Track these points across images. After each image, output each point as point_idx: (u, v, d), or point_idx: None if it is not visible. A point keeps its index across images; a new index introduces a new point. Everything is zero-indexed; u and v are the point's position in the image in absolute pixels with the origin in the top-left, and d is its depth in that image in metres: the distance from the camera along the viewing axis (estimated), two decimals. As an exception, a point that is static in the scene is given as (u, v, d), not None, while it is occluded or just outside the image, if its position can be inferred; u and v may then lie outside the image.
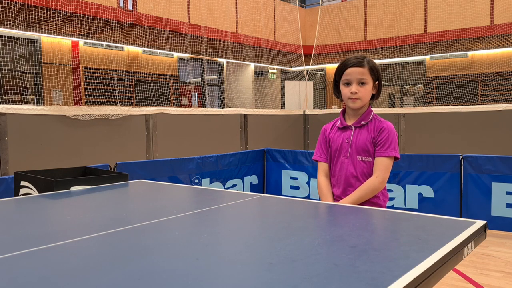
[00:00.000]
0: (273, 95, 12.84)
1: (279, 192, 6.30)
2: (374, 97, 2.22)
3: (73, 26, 8.14)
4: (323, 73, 14.36)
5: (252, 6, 11.48)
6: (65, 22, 7.78)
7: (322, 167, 2.30)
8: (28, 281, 1.01)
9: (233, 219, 1.71)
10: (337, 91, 2.25)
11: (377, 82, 2.19)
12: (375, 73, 2.16)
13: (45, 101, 8.46)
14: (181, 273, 1.05)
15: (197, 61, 11.32)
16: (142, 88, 9.58)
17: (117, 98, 8.74)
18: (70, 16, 7.62)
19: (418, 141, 9.05)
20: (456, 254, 1.22)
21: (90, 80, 9.24)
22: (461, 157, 5.17)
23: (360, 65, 2.13)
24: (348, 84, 2.15)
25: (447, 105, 10.96)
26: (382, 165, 2.12)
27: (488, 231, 1.49)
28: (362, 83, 2.13)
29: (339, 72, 2.18)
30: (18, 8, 6.91)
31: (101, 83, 9.14)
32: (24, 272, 1.07)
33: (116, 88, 8.94)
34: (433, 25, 11.31)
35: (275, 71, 13.24)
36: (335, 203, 2.11)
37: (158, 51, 10.42)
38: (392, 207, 5.31)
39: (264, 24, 11.79)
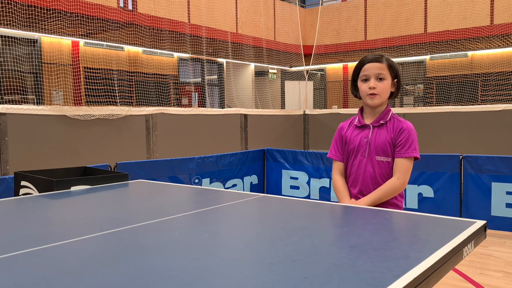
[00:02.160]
0: (273, 95, 12.84)
1: (279, 192, 6.30)
2: (392, 95, 2.18)
3: (73, 26, 8.14)
4: (323, 73, 14.36)
5: (252, 6, 11.47)
6: (65, 22, 7.78)
7: (337, 166, 2.27)
8: (28, 281, 1.01)
9: (233, 219, 1.71)
10: (355, 90, 2.21)
11: (395, 80, 2.15)
12: (394, 70, 2.13)
13: (45, 101, 8.46)
14: (181, 273, 1.05)
15: (197, 61, 11.32)
16: (142, 88, 9.59)
17: (117, 98, 8.74)
18: (70, 16, 7.62)
19: (418, 141, 9.04)
20: (456, 254, 1.23)
21: (90, 80, 9.24)
22: (461, 157, 5.17)
23: (378, 60, 2.10)
24: (366, 80, 2.11)
25: (447, 105, 10.96)
26: (403, 167, 2.08)
27: (488, 231, 1.49)
28: (380, 79, 2.09)
29: (357, 69, 2.16)
30: (18, 8, 6.91)
31: (101, 83, 9.14)
32: (24, 272, 1.07)
33: (116, 88, 8.94)
34: (433, 25, 11.31)
35: (275, 71, 13.24)
36: (349, 204, 2.05)
37: (158, 51, 10.42)
38: (392, 207, 5.30)
39: (264, 24, 11.79)
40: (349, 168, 2.21)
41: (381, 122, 2.13)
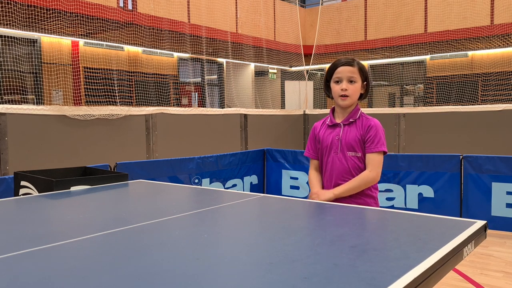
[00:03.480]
0: (273, 95, 12.84)
1: (279, 192, 6.30)
2: (362, 96, 2.35)
3: (73, 26, 8.13)
4: (323, 73, 14.36)
5: (252, 6, 11.47)
6: (65, 22, 7.78)
7: (313, 163, 2.45)
8: (28, 281, 1.01)
9: (233, 219, 1.71)
10: (327, 90, 2.38)
11: (365, 83, 2.32)
12: (364, 73, 2.30)
13: (45, 101, 8.46)
14: (181, 273, 1.05)
15: (197, 61, 11.31)
16: (142, 88, 9.58)
17: (117, 98, 8.73)
18: (70, 16, 7.62)
19: (418, 141, 9.04)
20: (456, 254, 1.22)
21: (90, 80, 9.23)
22: (461, 157, 5.17)
23: (350, 64, 2.27)
24: (338, 82, 2.28)
25: (447, 105, 10.95)
26: (375, 160, 2.25)
27: (488, 231, 1.49)
28: (351, 81, 2.26)
29: (330, 71, 2.32)
30: (18, 8, 6.91)
31: (101, 83, 9.14)
32: (24, 272, 1.07)
33: (116, 88, 8.94)
34: (433, 25, 11.30)
35: (275, 71, 13.23)
36: (329, 201, 2.18)
37: (158, 51, 10.42)
38: (392, 207, 5.31)
39: (264, 24, 11.78)
40: (324, 164, 2.38)
41: (350, 120, 2.30)
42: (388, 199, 5.41)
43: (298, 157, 6.16)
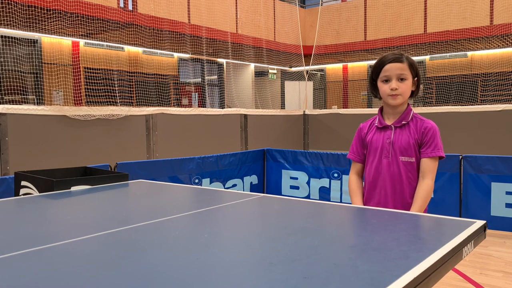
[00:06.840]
0: (273, 95, 12.84)
1: (279, 192, 6.30)
2: (413, 94, 2.14)
3: (74, 26, 8.14)
4: (323, 73, 14.36)
5: (252, 6, 11.47)
6: (65, 22, 7.78)
7: (355, 166, 2.26)
8: (28, 281, 1.01)
9: (233, 219, 1.72)
10: (374, 90, 2.17)
11: (416, 79, 2.11)
12: (414, 69, 2.09)
13: (46, 101, 8.46)
14: (181, 273, 1.05)
15: (197, 61, 11.32)
16: (143, 88, 9.59)
17: (118, 98, 8.74)
18: (71, 16, 7.62)
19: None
20: (455, 254, 1.23)
21: (90, 80, 9.24)
22: (460, 157, 5.17)
23: (399, 60, 2.06)
24: (387, 81, 2.08)
25: (446, 105, 10.96)
26: (431, 166, 2.07)
27: (488, 231, 1.49)
28: (402, 79, 2.05)
29: (377, 70, 2.11)
30: (18, 8, 6.91)
31: (101, 83, 9.15)
32: (24, 272, 1.07)
33: (116, 88, 8.94)
34: (432, 25, 11.31)
35: (275, 71, 13.24)
36: (359, 204, 2.08)
37: (158, 51, 10.42)
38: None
39: (264, 24, 11.78)
40: (370, 169, 2.18)
41: (403, 122, 2.11)
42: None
43: (298, 157, 6.16)
